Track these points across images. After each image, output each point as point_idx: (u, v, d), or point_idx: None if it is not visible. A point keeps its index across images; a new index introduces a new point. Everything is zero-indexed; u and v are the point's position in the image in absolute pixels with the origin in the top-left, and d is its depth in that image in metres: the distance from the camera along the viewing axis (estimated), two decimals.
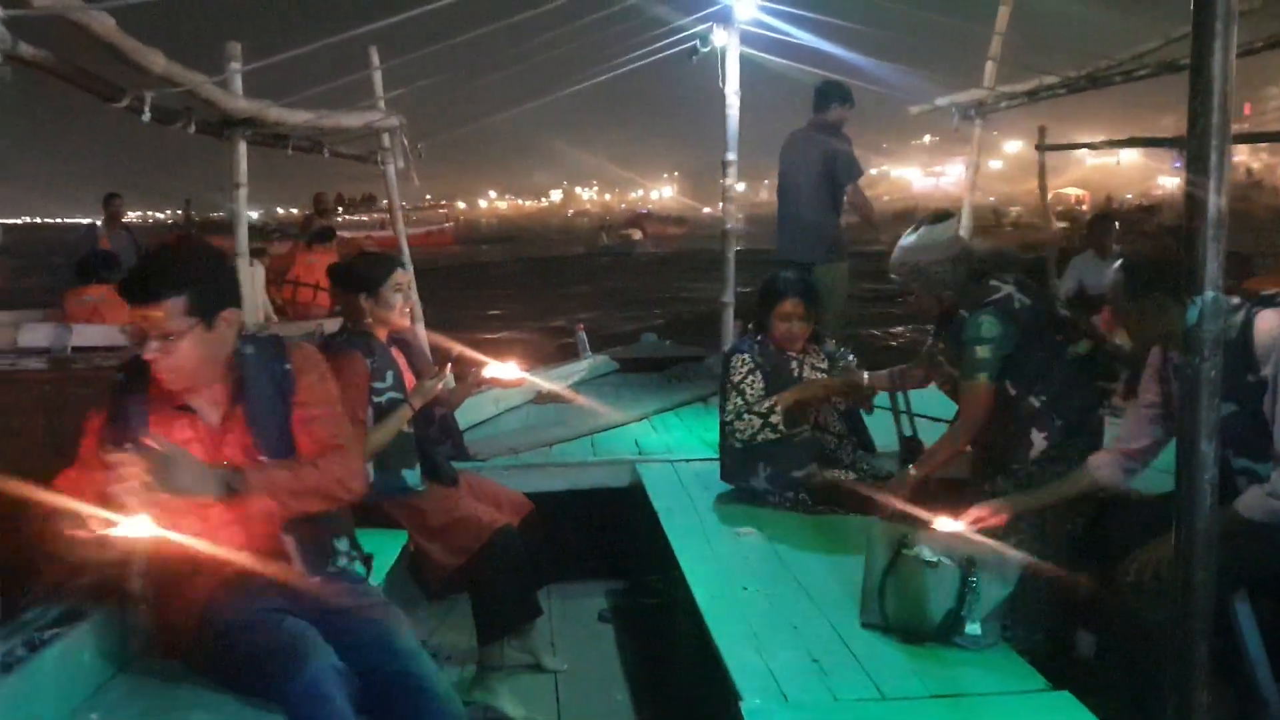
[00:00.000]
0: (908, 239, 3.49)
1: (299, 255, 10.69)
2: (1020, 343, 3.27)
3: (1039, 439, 3.24)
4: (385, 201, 5.44)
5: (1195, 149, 1.46)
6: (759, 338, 3.96)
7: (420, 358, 3.75)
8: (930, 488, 3.43)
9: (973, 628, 2.58)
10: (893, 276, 3.58)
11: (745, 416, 3.80)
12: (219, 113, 3.20)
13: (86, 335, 5.82)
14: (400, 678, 2.34)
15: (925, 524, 2.88)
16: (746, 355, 3.90)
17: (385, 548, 3.32)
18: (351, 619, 2.41)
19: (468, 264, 37.05)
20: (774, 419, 3.75)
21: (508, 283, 30.63)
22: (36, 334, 5.95)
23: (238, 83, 3.36)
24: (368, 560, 2.70)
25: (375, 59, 4.32)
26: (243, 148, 3.61)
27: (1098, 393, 3.31)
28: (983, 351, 3.24)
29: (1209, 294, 1.46)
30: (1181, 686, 1.52)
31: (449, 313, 16.21)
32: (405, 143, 4.72)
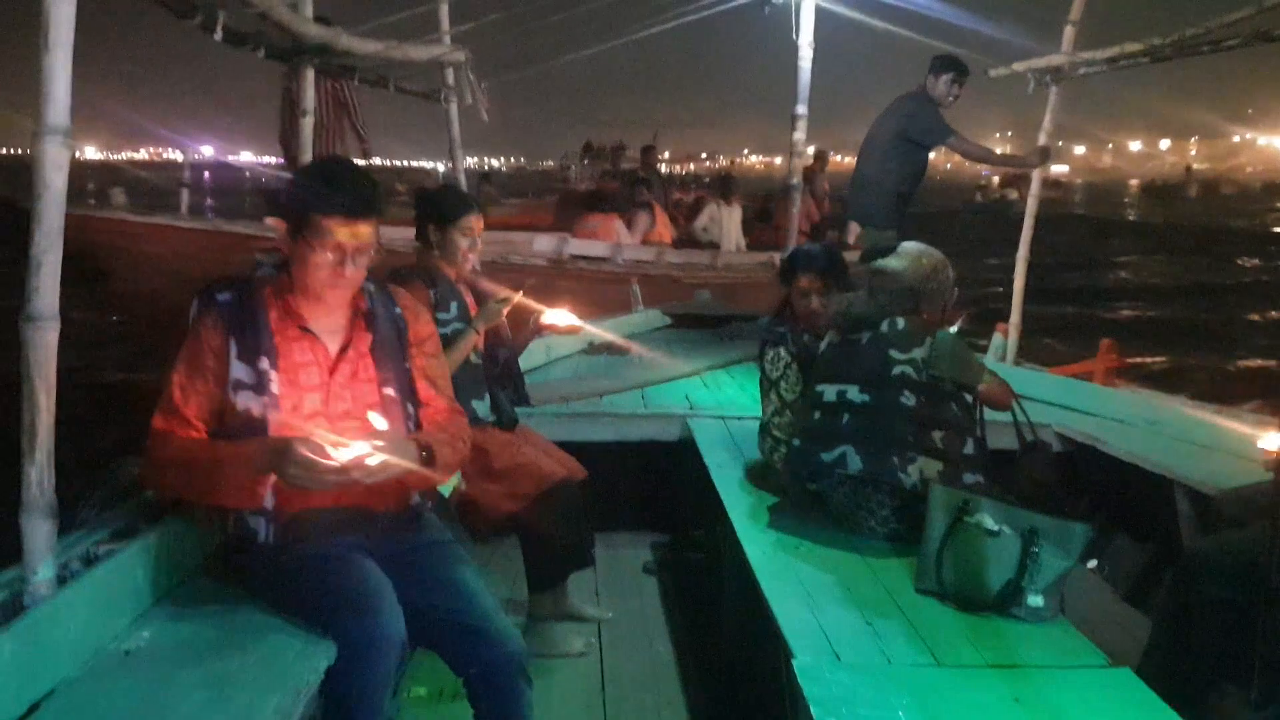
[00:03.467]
0: (890, 266, 3.23)
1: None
2: None
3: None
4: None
5: None
6: (787, 323, 3.73)
7: (486, 297, 3.69)
8: None
9: (1034, 599, 2.52)
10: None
11: (786, 414, 3.53)
12: (290, 38, 3.16)
13: (579, 247, 9.84)
14: (458, 619, 2.36)
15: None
16: (781, 349, 3.59)
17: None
18: (417, 555, 2.46)
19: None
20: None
21: None
22: (544, 243, 9.78)
23: (308, 8, 3.32)
24: (435, 497, 2.69)
25: None
26: (310, 75, 3.56)
27: None
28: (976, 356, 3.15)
29: None
30: (1268, 669, 1.46)
31: None
32: (471, 78, 4.65)
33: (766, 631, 2.54)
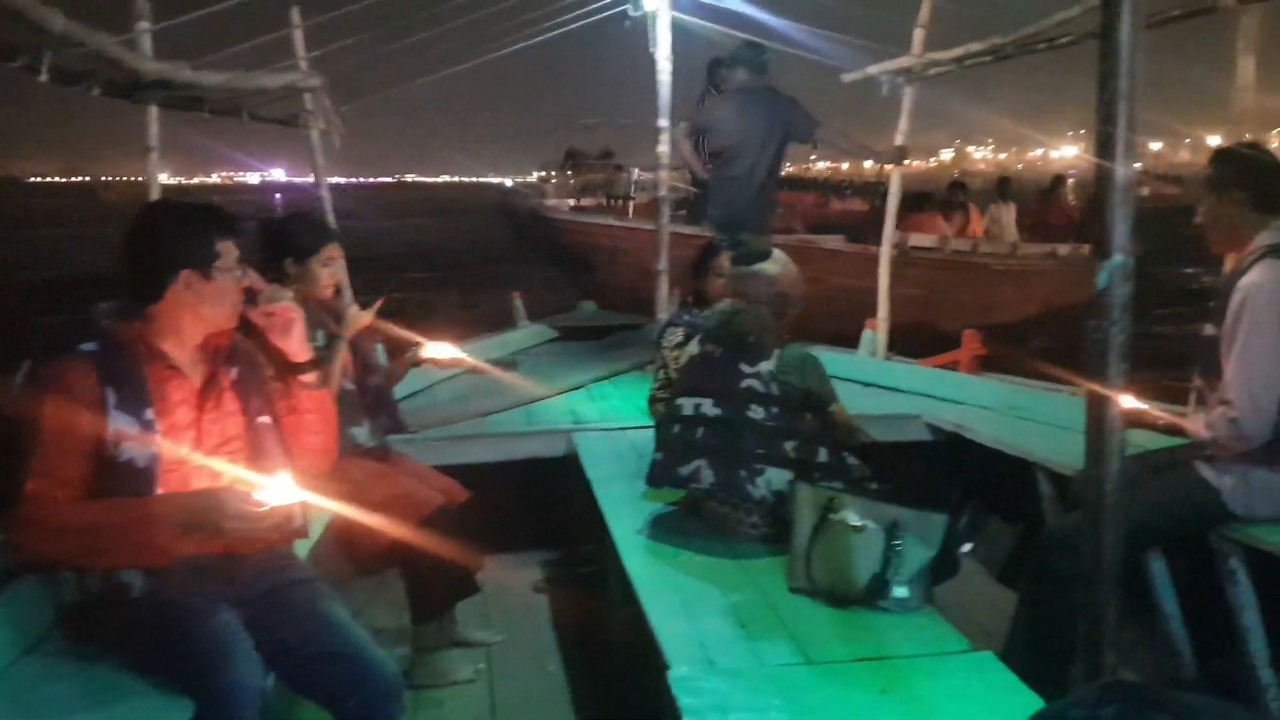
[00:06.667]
0: (767, 270, 3.28)
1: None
2: None
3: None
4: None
5: (1103, 115, 1.46)
6: (694, 310, 3.88)
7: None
8: None
9: (900, 590, 2.61)
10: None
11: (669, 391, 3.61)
12: (126, 74, 3.07)
13: (916, 239, 10.70)
14: (332, 650, 2.33)
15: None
16: (680, 329, 3.75)
17: (311, 520, 3.26)
18: (283, 594, 2.42)
19: None
20: None
21: None
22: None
23: (147, 43, 3.23)
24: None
25: (296, 18, 4.20)
26: (154, 111, 3.47)
27: None
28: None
29: (1118, 258, 1.46)
30: (1089, 647, 1.54)
31: None
32: (328, 104, 4.59)
33: (647, 643, 2.57)
